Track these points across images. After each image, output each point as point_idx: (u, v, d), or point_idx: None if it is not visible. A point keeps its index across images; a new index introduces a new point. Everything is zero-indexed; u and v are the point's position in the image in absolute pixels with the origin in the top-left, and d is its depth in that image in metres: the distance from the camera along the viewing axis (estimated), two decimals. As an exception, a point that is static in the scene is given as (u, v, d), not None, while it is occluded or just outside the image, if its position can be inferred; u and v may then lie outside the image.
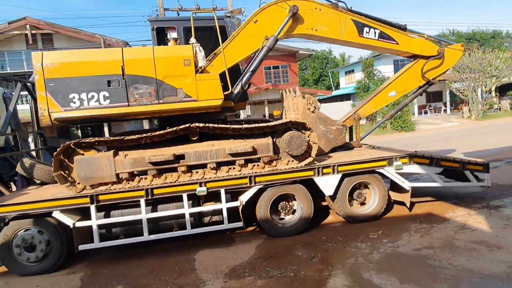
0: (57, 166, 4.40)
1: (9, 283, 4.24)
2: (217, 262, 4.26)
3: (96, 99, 4.40)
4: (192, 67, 4.58)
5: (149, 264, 4.41)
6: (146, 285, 3.81)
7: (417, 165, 5.25)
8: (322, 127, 5.86)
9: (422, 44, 6.05)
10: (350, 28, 5.65)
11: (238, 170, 4.81)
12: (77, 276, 4.22)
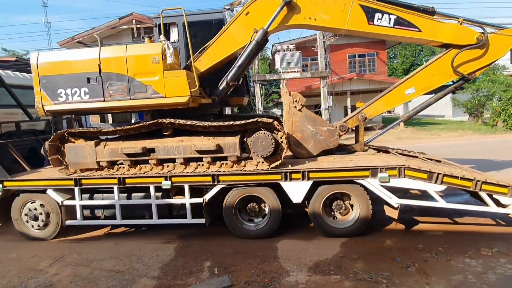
0: (52, 151, 4.95)
1: (117, 244, 4.90)
2: (300, 254, 4.17)
3: (78, 94, 4.77)
4: (161, 64, 4.58)
5: (233, 245, 4.58)
6: (231, 265, 3.95)
7: (411, 180, 4.38)
8: (311, 127, 5.23)
9: (454, 31, 4.87)
10: (357, 15, 4.79)
11: (206, 167, 4.73)
12: (172, 246, 4.63)
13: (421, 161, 5.09)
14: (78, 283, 3.67)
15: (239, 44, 5.08)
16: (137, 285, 3.58)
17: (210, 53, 5.21)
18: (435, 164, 5.08)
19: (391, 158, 5.02)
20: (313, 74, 17.32)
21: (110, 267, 4.05)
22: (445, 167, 4.86)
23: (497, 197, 4.34)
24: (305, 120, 5.24)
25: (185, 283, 3.58)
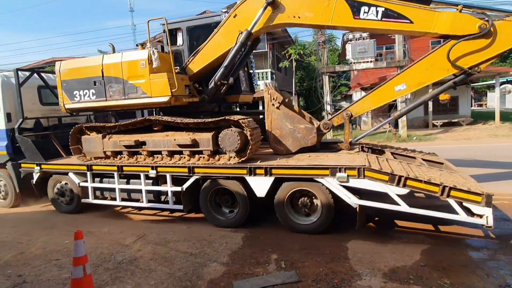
0: (73, 141, 5.94)
1: (190, 228, 5.22)
2: (373, 257, 3.87)
3: (88, 95, 5.64)
4: (147, 68, 5.09)
5: (300, 240, 4.48)
6: (298, 261, 3.86)
7: (371, 181, 4.20)
8: (289, 125, 5.29)
9: (452, 20, 4.36)
10: (342, 10, 4.63)
11: (187, 159, 5.22)
12: (239, 235, 4.74)
13: (405, 164, 4.78)
14: (157, 261, 4.00)
15: (228, 46, 5.30)
16: (208, 268, 3.74)
17: (202, 55, 5.59)
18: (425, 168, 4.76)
19: (360, 158, 4.76)
20: (388, 63, 15.97)
21: (184, 249, 4.32)
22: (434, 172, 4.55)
23: (468, 205, 3.87)
24: (283, 117, 5.30)
25: (253, 273, 3.62)
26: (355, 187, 4.36)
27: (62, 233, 5.25)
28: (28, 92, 6.84)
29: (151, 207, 5.73)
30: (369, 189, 4.37)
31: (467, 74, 4.66)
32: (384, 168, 4.32)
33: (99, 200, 6.09)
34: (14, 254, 4.45)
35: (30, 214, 6.59)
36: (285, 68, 21.78)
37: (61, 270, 3.87)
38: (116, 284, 3.47)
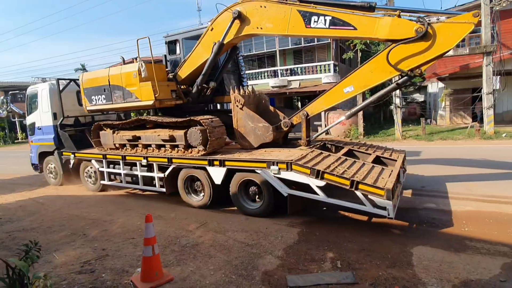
0: (95, 136, 7.54)
1: (248, 219, 5.40)
2: (442, 266, 3.52)
3: (100, 99, 7.11)
4: (137, 78, 6.29)
5: (359, 241, 4.30)
6: (355, 262, 3.72)
7: (297, 173, 4.80)
8: (251, 123, 5.96)
9: (390, 25, 4.61)
10: (295, 20, 5.14)
11: (169, 152, 6.32)
12: (295, 230, 4.75)
13: (337, 161, 5.11)
14: (216, 248, 4.25)
15: (207, 56, 6.13)
16: (263, 260, 3.85)
17: (188, 63, 6.55)
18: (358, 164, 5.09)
19: (298, 153, 5.26)
20: (472, 50, 14.00)
21: (242, 239, 4.51)
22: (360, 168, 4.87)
23: (373, 198, 4.25)
24: (246, 117, 5.98)
25: (307, 269, 3.61)
26: (286, 178, 4.96)
27: (137, 215, 5.92)
28: (69, 96, 8.49)
29: (144, 189, 7.09)
30: (295, 180, 4.88)
31: (409, 76, 4.86)
32: (314, 164, 4.79)
33: (112, 182, 7.67)
34: (100, 231, 5.18)
35: (113, 197, 7.56)
36: (349, 59, 20.72)
37: (136, 248, 4.38)
38: (180, 265, 3.79)
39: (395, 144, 13.23)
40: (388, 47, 4.79)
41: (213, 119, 5.90)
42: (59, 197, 7.84)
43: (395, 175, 4.71)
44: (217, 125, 5.84)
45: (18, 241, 4.89)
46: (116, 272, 3.71)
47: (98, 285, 3.42)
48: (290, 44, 19.11)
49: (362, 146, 6.43)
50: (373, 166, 5.15)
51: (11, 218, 6.29)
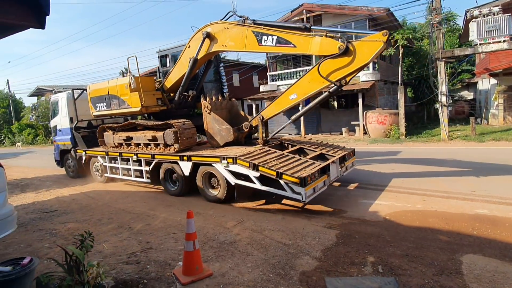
0: (100, 136, 9.02)
1: (284, 219, 5.39)
2: (496, 277, 3.25)
3: (102, 106, 8.67)
4: (128, 89, 7.69)
5: (402, 245, 4.11)
6: (398, 268, 3.56)
7: (240, 166, 5.80)
8: (217, 126, 7.03)
9: (320, 43, 5.56)
10: (251, 39, 6.18)
11: (154, 149, 7.59)
12: (333, 232, 4.66)
13: (278, 157, 6.02)
14: (253, 246, 4.30)
15: (185, 70, 7.27)
16: (300, 261, 3.82)
17: (171, 76, 7.81)
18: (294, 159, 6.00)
19: (249, 150, 6.24)
20: (531, 42, 12.70)
21: (278, 238, 4.51)
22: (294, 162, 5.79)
23: (292, 186, 5.25)
24: (213, 120, 7.12)
25: (346, 272, 3.52)
26: (234, 170, 5.98)
27: (177, 211, 6.18)
28: (83, 103, 9.76)
29: (135, 180, 8.40)
30: (240, 172, 5.89)
31: (338, 86, 5.79)
32: (254, 158, 5.76)
33: (113, 175, 8.99)
34: (144, 225, 5.47)
35: (155, 194, 7.95)
36: (389, 56, 19.82)
37: (177, 242, 4.57)
38: (219, 261, 3.89)
39: (441, 146, 12.42)
40: (320, 61, 5.74)
41: (185, 122, 7.17)
42: (107, 192, 8.42)
43: (317, 168, 5.59)
44: (188, 128, 7.12)
45: (72, 232, 5.34)
46: (160, 264, 3.90)
47: (144, 276, 3.62)
48: (326, 42, 18.75)
49: (313, 145, 7.32)
50: (306, 161, 6.02)
51: (66, 210, 6.88)
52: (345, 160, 6.79)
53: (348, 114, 18.37)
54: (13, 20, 2.11)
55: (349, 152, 7.09)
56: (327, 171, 5.88)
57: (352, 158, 7.23)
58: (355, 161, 7.40)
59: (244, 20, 6.39)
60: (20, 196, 8.67)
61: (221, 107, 7.57)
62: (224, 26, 6.57)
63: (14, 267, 2.81)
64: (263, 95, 20.04)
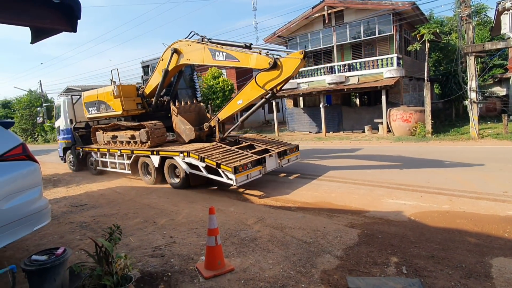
0: (93, 135, 10.68)
1: (305, 217, 5.38)
2: (530, 282, 3.09)
3: (94, 110, 10.25)
4: (112, 95, 9.15)
5: (427, 246, 3.99)
6: (423, 269, 3.46)
7: (192, 159, 7.23)
8: (182, 126, 8.60)
9: (256, 59, 6.85)
10: (207, 55, 7.54)
11: (133, 146, 9.07)
12: (355, 231, 4.60)
13: (224, 151, 7.40)
14: (274, 243, 4.33)
15: (159, 79, 8.84)
16: (322, 259, 3.81)
17: (149, 84, 9.38)
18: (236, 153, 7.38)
19: (204, 146, 7.71)
20: None
21: (299, 236, 4.51)
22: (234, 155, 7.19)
23: (227, 173, 6.65)
24: (179, 121, 8.62)
25: (369, 272, 3.47)
26: (188, 162, 7.44)
27: (200, 207, 6.31)
28: (80, 106, 11.21)
29: (121, 171, 9.87)
30: (193, 163, 7.31)
31: (272, 93, 7.18)
32: (203, 152, 7.18)
33: (103, 168, 10.63)
34: (167, 220, 5.64)
35: (178, 190, 8.15)
36: (415, 51, 19.13)
37: (199, 237, 4.68)
38: (240, 257, 3.95)
39: (470, 144, 11.89)
40: (257, 73, 6.93)
41: (156, 123, 8.71)
42: (132, 188, 8.73)
43: (250, 160, 6.94)
44: (158, 128, 8.65)
45: (101, 225, 5.59)
46: (183, 258, 4.01)
47: (168, 269, 3.74)
48: (348, 38, 18.34)
49: (263, 142, 8.71)
50: (247, 154, 7.29)
51: (94, 204, 7.21)
52: (285, 154, 8.09)
53: (371, 111, 17.94)
54: (48, 24, 2.25)
55: (291, 147, 8.37)
56: (263, 163, 7.25)
57: (296, 153, 8.50)
58: (299, 155, 8.71)
59: (203, 38, 7.78)
60: (52, 191, 9.16)
61: (189, 110, 9.02)
62: (187, 43, 8.00)
63: (49, 256, 3.00)
64: (283, 92, 19.95)
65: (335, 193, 6.77)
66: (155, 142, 8.55)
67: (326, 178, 8.22)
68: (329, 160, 10.61)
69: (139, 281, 3.45)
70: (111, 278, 2.93)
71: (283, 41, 21.00)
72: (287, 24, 19.99)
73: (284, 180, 8.40)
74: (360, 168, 9.09)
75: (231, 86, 21.93)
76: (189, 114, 8.92)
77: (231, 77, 24.79)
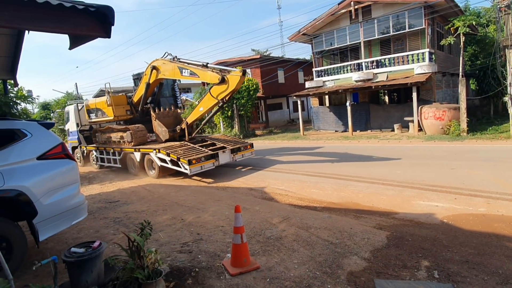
0: (94, 136, 13.10)
1: (331, 218, 5.31)
2: None
3: (93, 116, 12.65)
4: (106, 103, 11.37)
5: (461, 251, 3.81)
6: (457, 274, 3.31)
7: (162, 154, 9.32)
8: (160, 128, 10.73)
9: (209, 76, 8.87)
10: (177, 71, 9.55)
11: (122, 145, 11.23)
12: (384, 233, 4.47)
13: (188, 148, 9.62)
14: (299, 243, 4.32)
15: (143, 90, 10.94)
16: (348, 260, 3.75)
17: (136, 94, 11.54)
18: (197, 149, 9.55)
19: (173, 144, 9.96)
20: None
21: (325, 236, 4.47)
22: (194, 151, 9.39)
23: (183, 165, 8.80)
24: (158, 125, 10.75)
25: (398, 275, 3.38)
26: (160, 157, 9.49)
27: (225, 205, 6.42)
28: (84, 112, 13.55)
29: (114, 166, 12.00)
30: (163, 157, 9.32)
31: (222, 103, 9.24)
32: (169, 149, 9.32)
33: (102, 163, 12.68)
34: (194, 217, 5.79)
35: (204, 188, 8.35)
36: (449, 46, 18.17)
37: (225, 235, 4.76)
38: (266, 256, 3.98)
39: (510, 143, 11.12)
40: (210, 86, 9.08)
41: (139, 126, 10.86)
42: (161, 186, 9.04)
43: (203, 155, 9.06)
44: (140, 130, 10.81)
45: (132, 220, 5.85)
46: (210, 255, 4.11)
47: (195, 265, 3.85)
48: (376, 34, 17.76)
49: (223, 141, 10.91)
50: (204, 151, 9.39)
51: (126, 201, 7.55)
52: (239, 151, 10.21)
53: (400, 109, 17.27)
54: (85, 31, 2.40)
55: (245, 145, 10.59)
56: (216, 157, 9.38)
57: (251, 149, 10.68)
58: (253, 152, 10.86)
59: (174, 58, 9.68)
60: (88, 187, 9.70)
61: (168, 115, 11.18)
62: (163, 62, 10.00)
63: (87, 249, 3.19)
64: (308, 91, 19.72)
65: (362, 194, 6.62)
66: (137, 141, 10.69)
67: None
68: (356, 163, 10.37)
69: (168, 276, 3.59)
70: (143, 271, 3.07)
71: (308, 39, 20.74)
72: (312, 22, 19.70)
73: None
74: (386, 166, 8.80)
75: (256, 85, 21.98)
76: (167, 118, 10.98)
77: (256, 77, 24.84)
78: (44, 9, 2.15)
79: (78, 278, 3.07)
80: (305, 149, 14.04)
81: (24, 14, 2.15)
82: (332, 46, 19.89)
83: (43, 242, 4.74)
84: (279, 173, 9.38)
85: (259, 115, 27.86)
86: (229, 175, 9.90)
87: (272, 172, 9.60)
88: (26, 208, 3.75)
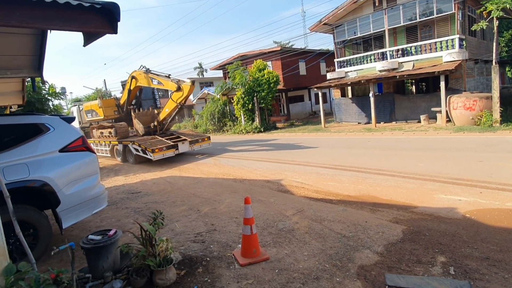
0: (91, 132, 16.20)
1: (346, 211, 5.22)
2: None
3: (89, 116, 16.41)
4: (98, 105, 15.08)
5: (483, 247, 3.62)
6: (474, 271, 3.16)
7: (135, 145, 12.11)
8: (138, 125, 13.46)
9: (170, 84, 11.50)
10: (149, 81, 12.30)
11: (110, 138, 14.21)
12: (399, 227, 4.34)
13: (157, 140, 12.38)
14: (311, 235, 4.29)
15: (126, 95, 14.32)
16: (360, 254, 3.68)
17: (122, 97, 14.94)
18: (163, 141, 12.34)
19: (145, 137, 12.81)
20: None
21: (338, 229, 4.41)
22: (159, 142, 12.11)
23: (149, 153, 11.39)
24: (137, 122, 13.55)
25: (411, 270, 3.28)
26: (135, 147, 12.27)
27: (241, 197, 6.48)
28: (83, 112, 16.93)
29: (105, 156, 14.94)
30: (137, 148, 12.06)
31: (180, 105, 11.97)
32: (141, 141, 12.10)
33: (99, 154, 14.62)
34: (210, 208, 5.91)
35: (222, 180, 8.47)
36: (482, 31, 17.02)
37: (238, 226, 4.83)
38: (276, 247, 4.00)
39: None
40: (171, 93, 11.94)
41: (122, 124, 13.83)
42: (181, 178, 9.28)
43: (165, 145, 11.61)
44: (122, 127, 13.64)
45: (152, 210, 6.01)
46: (222, 245, 4.19)
47: (207, 254, 3.94)
48: (402, 21, 16.94)
49: (185, 135, 13.63)
50: (167, 142, 11.89)
51: (147, 192, 7.83)
52: (197, 142, 12.78)
53: (427, 99, 16.48)
54: (93, 28, 2.49)
55: (203, 138, 13.22)
56: (176, 147, 11.79)
57: (208, 141, 13.31)
58: (211, 143, 13.64)
59: (146, 70, 12.36)
60: (113, 179, 10.16)
61: (146, 114, 13.89)
62: (139, 73, 12.70)
63: (103, 237, 3.36)
64: (330, 82, 19.29)
65: (380, 187, 6.44)
66: (120, 136, 13.53)
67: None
68: (376, 155, 10.07)
69: (180, 264, 3.70)
70: (154, 259, 3.20)
71: (329, 28, 20.20)
72: (334, 10, 19.13)
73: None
74: (408, 159, 8.48)
75: (277, 78, 21.78)
76: (145, 117, 13.71)
77: (277, 69, 24.59)
78: (52, 8, 2.25)
79: (95, 263, 3.25)
80: (324, 141, 13.81)
81: (35, 14, 2.26)
82: (354, 36, 19.27)
83: (69, 229, 5.05)
84: (296, 166, 9.31)
85: (281, 107, 27.66)
86: (246, 167, 10.00)
87: (289, 165, 9.54)
88: (50, 197, 4.00)
